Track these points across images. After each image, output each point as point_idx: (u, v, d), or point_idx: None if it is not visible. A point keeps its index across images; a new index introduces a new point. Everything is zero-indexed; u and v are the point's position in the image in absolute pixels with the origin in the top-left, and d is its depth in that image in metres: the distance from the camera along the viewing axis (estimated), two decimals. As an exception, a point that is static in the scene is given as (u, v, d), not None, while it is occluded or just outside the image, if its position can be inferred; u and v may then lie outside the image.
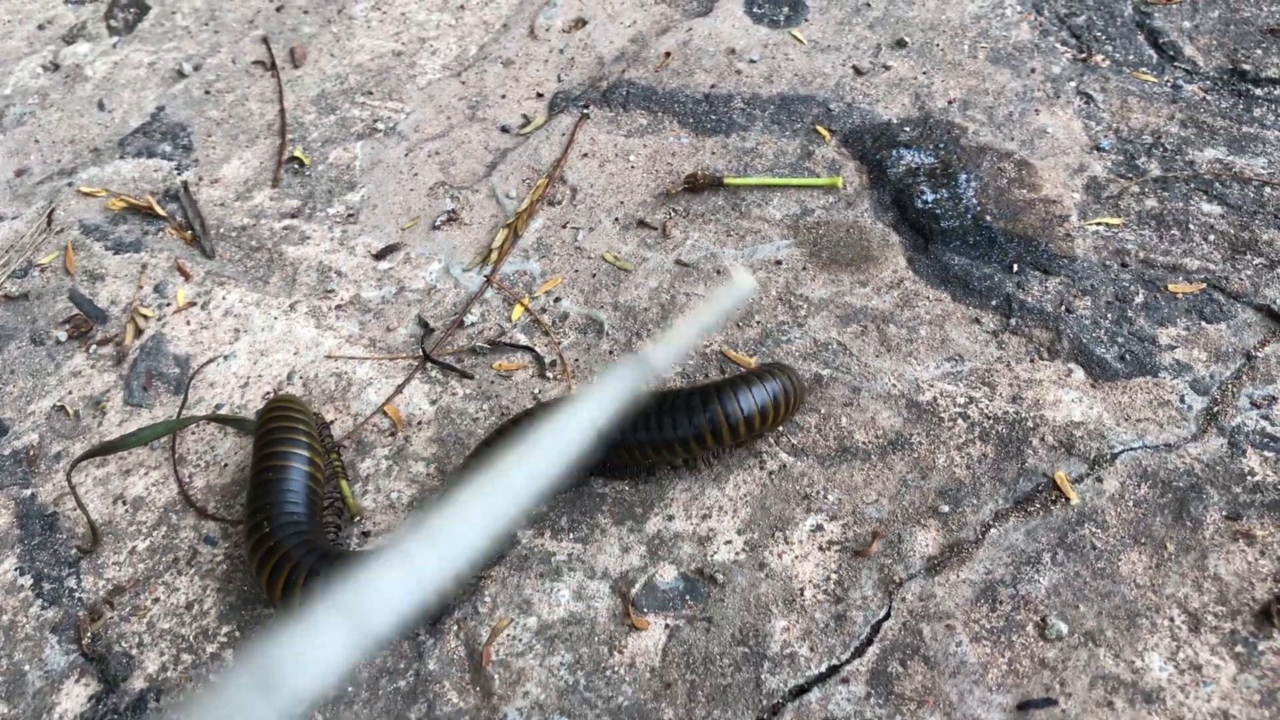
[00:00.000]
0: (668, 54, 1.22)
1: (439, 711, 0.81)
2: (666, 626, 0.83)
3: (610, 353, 0.99)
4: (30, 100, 1.28)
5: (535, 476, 0.42)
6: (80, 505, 0.91)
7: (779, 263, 1.03)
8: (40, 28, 1.36)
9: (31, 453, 0.99)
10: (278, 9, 1.34)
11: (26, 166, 1.22)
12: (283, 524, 0.84)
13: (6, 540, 0.94)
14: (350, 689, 0.82)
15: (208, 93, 1.27)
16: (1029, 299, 0.98)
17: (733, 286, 0.94)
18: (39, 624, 0.88)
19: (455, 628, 0.84)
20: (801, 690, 0.79)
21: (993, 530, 0.85)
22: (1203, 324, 0.95)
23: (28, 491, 0.96)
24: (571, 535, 0.89)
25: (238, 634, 0.86)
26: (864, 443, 0.91)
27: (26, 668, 0.86)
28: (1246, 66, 1.15)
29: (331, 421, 0.97)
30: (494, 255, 1.07)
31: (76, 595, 0.90)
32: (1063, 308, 0.97)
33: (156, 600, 0.89)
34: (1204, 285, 0.97)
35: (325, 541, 0.85)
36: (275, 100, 1.24)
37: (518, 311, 1.03)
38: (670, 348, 0.70)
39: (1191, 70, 1.16)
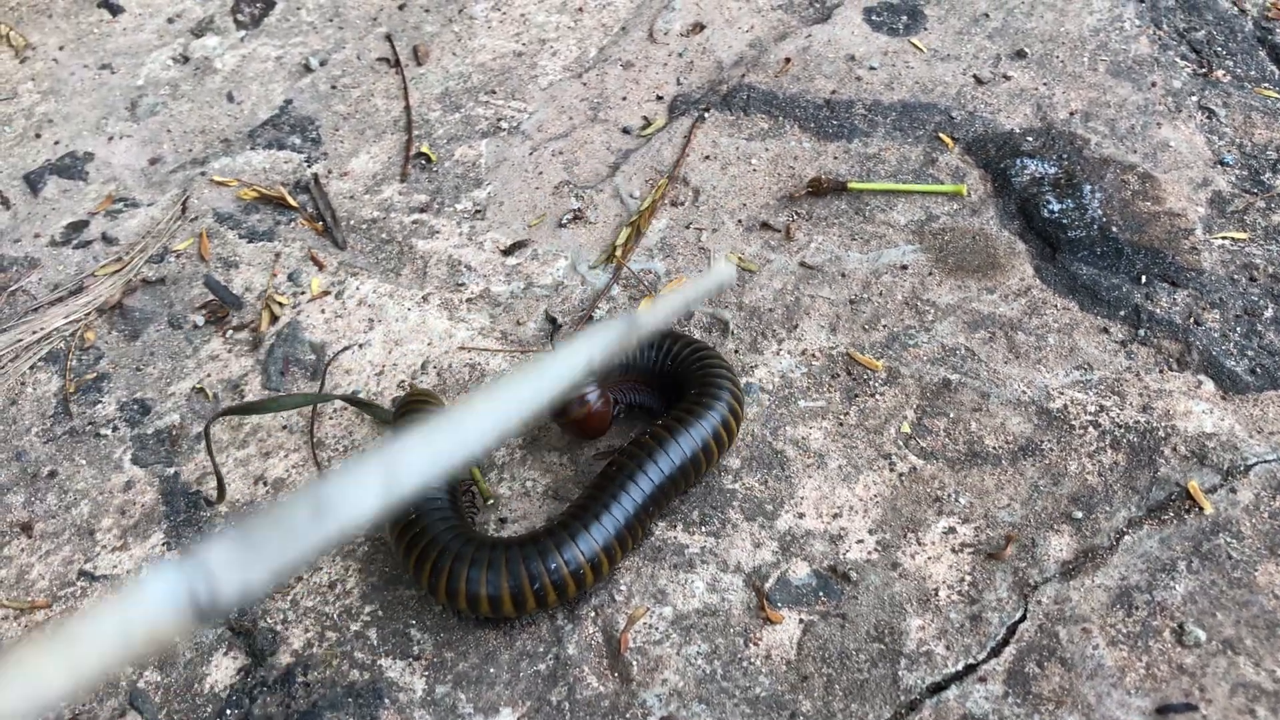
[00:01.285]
0: (788, 60, 1.23)
1: (579, 695, 0.83)
2: (801, 621, 0.85)
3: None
4: (162, 91, 1.32)
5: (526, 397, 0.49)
6: (212, 458, 0.93)
7: (904, 267, 1.04)
8: (170, 21, 1.40)
9: (174, 432, 1.02)
10: (400, 7, 1.37)
11: (160, 155, 1.26)
12: (429, 511, 0.87)
13: (153, 516, 0.97)
14: (491, 670, 0.84)
15: (334, 87, 1.30)
16: (1157, 310, 0.99)
17: (715, 272, 0.96)
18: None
19: (593, 614, 0.87)
20: (939, 687, 0.81)
21: (1126, 537, 0.86)
22: (1336, 339, 0.95)
23: (171, 470, 0.99)
24: (703, 529, 0.91)
25: (380, 613, 0.88)
26: (994, 448, 0.92)
27: (175, 639, 0.89)
28: (1373, 84, 1.15)
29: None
30: (619, 253, 1.09)
31: (223, 571, 0.92)
32: (1191, 320, 0.98)
33: (300, 579, 0.92)
34: (1336, 301, 0.97)
35: (469, 527, 0.87)
36: (400, 97, 1.27)
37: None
38: (654, 315, 0.74)
39: (1316, 87, 1.17)
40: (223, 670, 0.87)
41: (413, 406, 0.94)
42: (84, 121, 1.30)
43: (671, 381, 0.95)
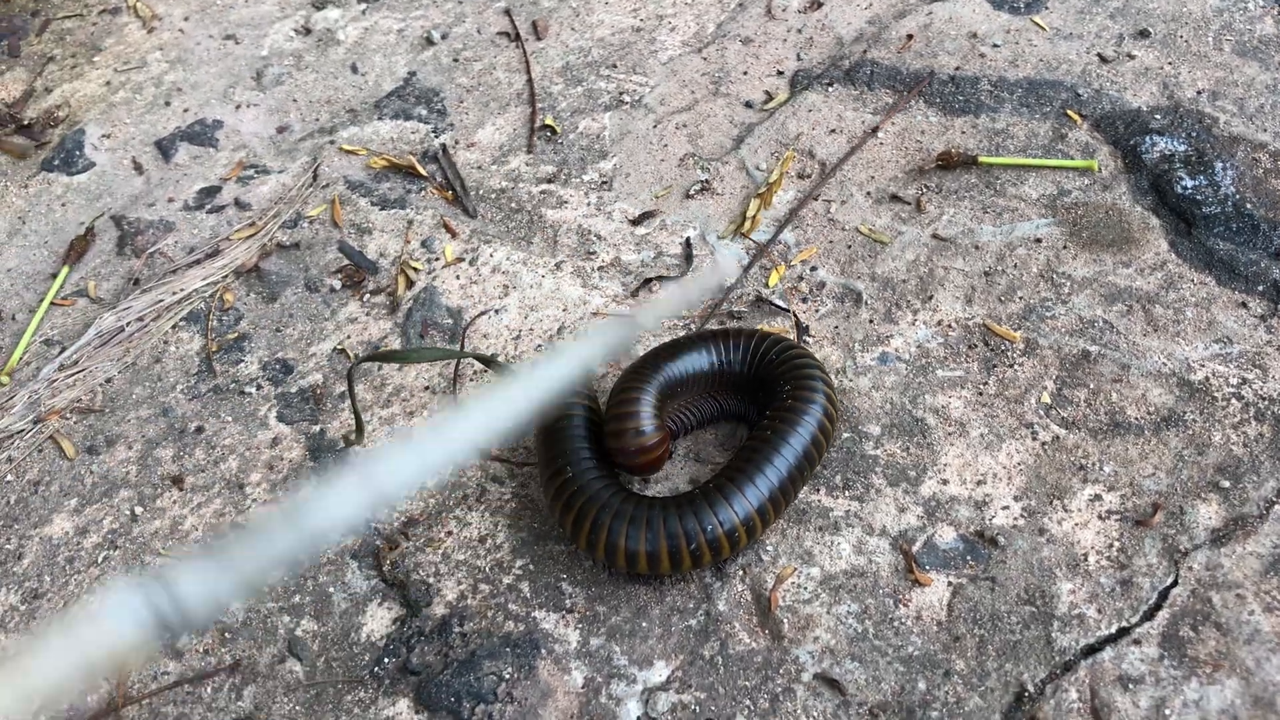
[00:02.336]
0: (910, 36, 1.24)
1: (731, 650, 0.85)
2: (950, 584, 0.86)
3: (870, 321, 1.02)
4: (286, 61, 1.34)
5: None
6: (353, 400, 0.95)
7: (1039, 240, 1.05)
8: (290, -6, 1.42)
9: (317, 391, 1.04)
10: (516, -18, 1.39)
11: (287, 124, 1.28)
12: (582, 469, 0.88)
13: (301, 471, 0.99)
14: (644, 624, 0.86)
15: (456, 60, 1.32)
16: (1298, 285, 0.99)
17: (717, 267, 0.97)
18: (339, 550, 0.94)
19: (740, 573, 0.88)
20: (1093, 649, 0.82)
21: (1277, 506, 0.86)
22: None
23: (317, 427, 1.02)
24: (847, 494, 0.92)
25: (531, 567, 0.90)
26: (1136, 418, 0.93)
27: (331, 589, 0.92)
28: None
29: (604, 375, 1.01)
30: (749, 222, 1.11)
31: (373, 525, 0.95)
32: (1333, 295, 0.98)
33: (449, 533, 0.94)
34: None
35: (624, 485, 0.89)
36: (522, 70, 1.29)
37: (774, 277, 1.07)
38: (655, 313, 0.75)
39: None
40: (378, 620, 0.90)
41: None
42: (211, 90, 1.33)
43: (759, 384, 0.94)
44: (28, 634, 0.92)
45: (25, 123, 1.30)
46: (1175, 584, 0.84)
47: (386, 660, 0.87)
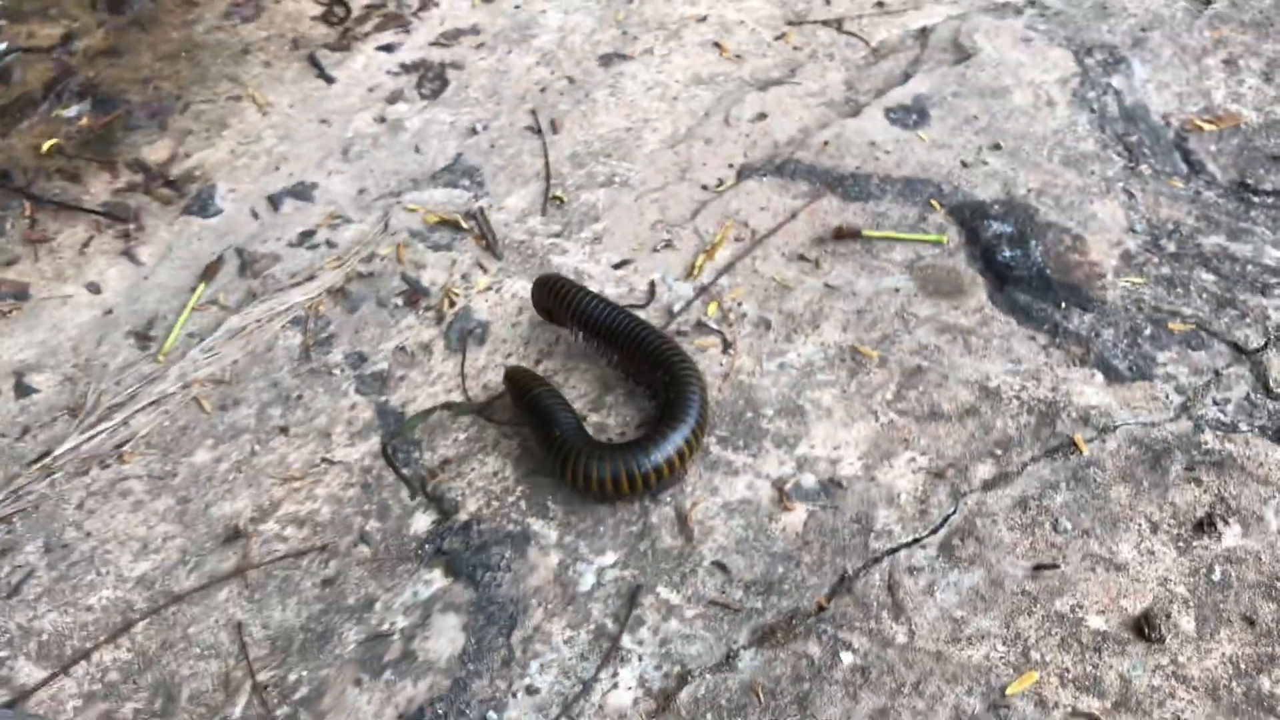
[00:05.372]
0: (825, 142, 1.70)
1: (658, 546, 1.27)
2: (807, 510, 1.29)
3: (775, 340, 1.46)
4: (366, 142, 1.81)
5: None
6: (398, 472, 1.39)
7: (898, 290, 1.49)
8: (370, 90, 1.90)
9: (384, 375, 1.49)
10: (541, 90, 1.86)
11: (365, 188, 1.75)
12: (567, 430, 1.32)
13: (371, 426, 1.43)
14: (601, 529, 1.29)
15: (493, 146, 1.79)
16: (1070, 326, 1.43)
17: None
18: (396, 479, 1.37)
19: (669, 499, 1.31)
20: (893, 551, 1.24)
21: (1029, 467, 1.29)
22: (1189, 351, 1.39)
23: (382, 397, 1.46)
24: (745, 451, 1.35)
25: (528, 491, 1.33)
26: (948, 410, 1.36)
27: (390, 503, 1.35)
28: (1250, 180, 1.59)
29: (586, 369, 1.45)
30: (696, 270, 1.55)
31: (419, 461, 1.38)
32: (1093, 333, 1.41)
33: (473, 469, 1.37)
34: (1194, 326, 1.41)
35: (591, 437, 1.33)
36: (541, 155, 1.75)
37: (712, 308, 1.51)
38: None
39: (1210, 181, 1.61)
40: (421, 522, 1.33)
41: (525, 376, 1.39)
42: (309, 160, 1.80)
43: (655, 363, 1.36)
44: (179, 525, 1.36)
45: (171, 178, 1.77)
46: (954, 513, 1.27)
47: (427, 546, 1.30)
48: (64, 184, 1.80)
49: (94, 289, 1.64)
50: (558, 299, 1.42)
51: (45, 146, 1.84)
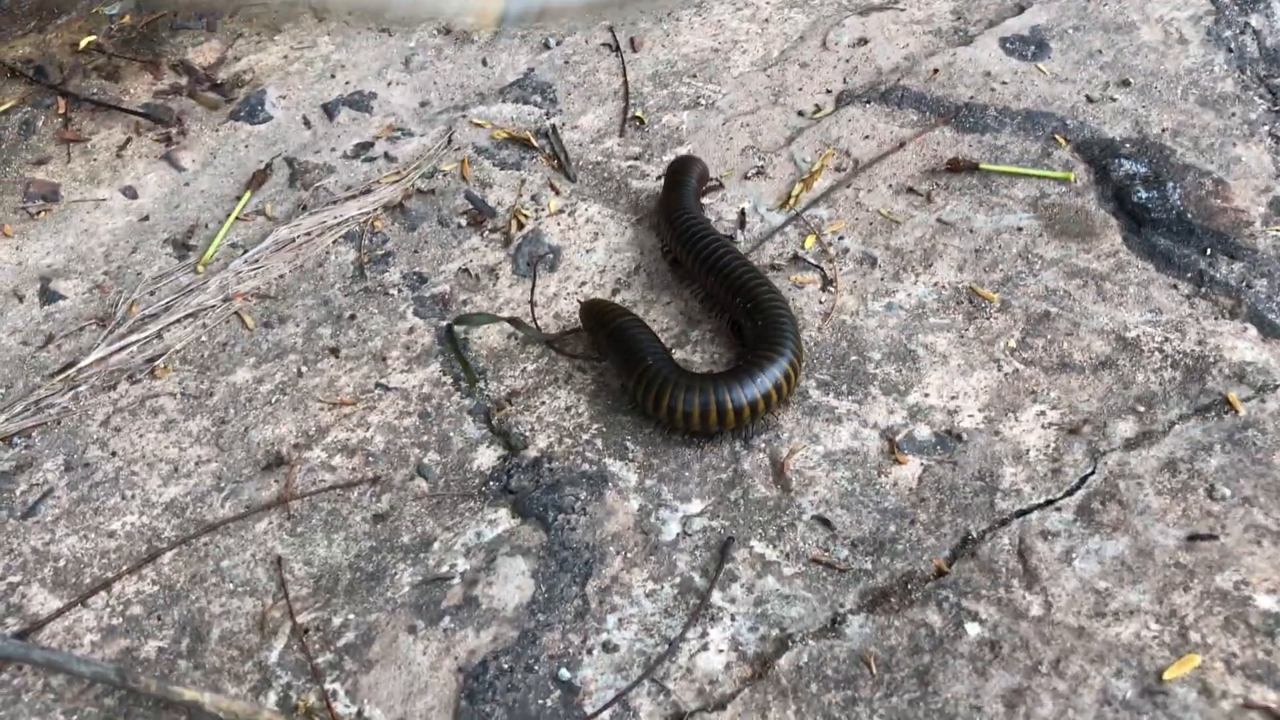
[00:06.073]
0: (935, 70, 1.54)
1: (751, 496, 1.12)
2: (922, 464, 1.14)
3: (881, 279, 1.31)
4: (429, 53, 1.66)
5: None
6: (458, 352, 1.25)
7: (1020, 229, 1.34)
8: (433, 1, 1.75)
9: (445, 297, 1.34)
10: (619, 6, 1.70)
11: (428, 100, 1.60)
12: (654, 358, 1.17)
13: (430, 352, 1.29)
14: (686, 474, 1.14)
15: (566, 63, 1.63)
16: (1217, 275, 1.27)
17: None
18: (458, 408, 1.23)
19: (762, 446, 1.16)
20: (1024, 512, 1.09)
21: (1177, 426, 1.14)
22: (1356, 307, 1.23)
23: (443, 322, 1.31)
24: (850, 398, 1.20)
25: (604, 429, 1.19)
26: (1080, 361, 1.21)
27: (452, 434, 1.21)
28: None
29: (669, 303, 1.31)
30: (793, 200, 1.40)
31: (485, 393, 1.24)
32: (1244, 284, 1.26)
33: (543, 403, 1.23)
34: (1360, 280, 1.25)
35: (678, 365, 1.18)
36: (619, 74, 1.60)
37: (809, 242, 1.36)
38: None
39: (1367, 128, 1.44)
40: (486, 457, 1.18)
41: (609, 307, 1.24)
42: (368, 70, 1.65)
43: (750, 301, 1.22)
44: (215, 448, 1.22)
45: (218, 82, 1.63)
46: (1093, 473, 1.11)
47: (492, 483, 1.16)
48: (102, 83, 1.66)
49: (130, 194, 1.50)
50: (667, 210, 1.32)
51: (83, 43, 1.70)
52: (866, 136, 1.48)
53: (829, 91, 1.56)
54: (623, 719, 0.98)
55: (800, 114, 1.53)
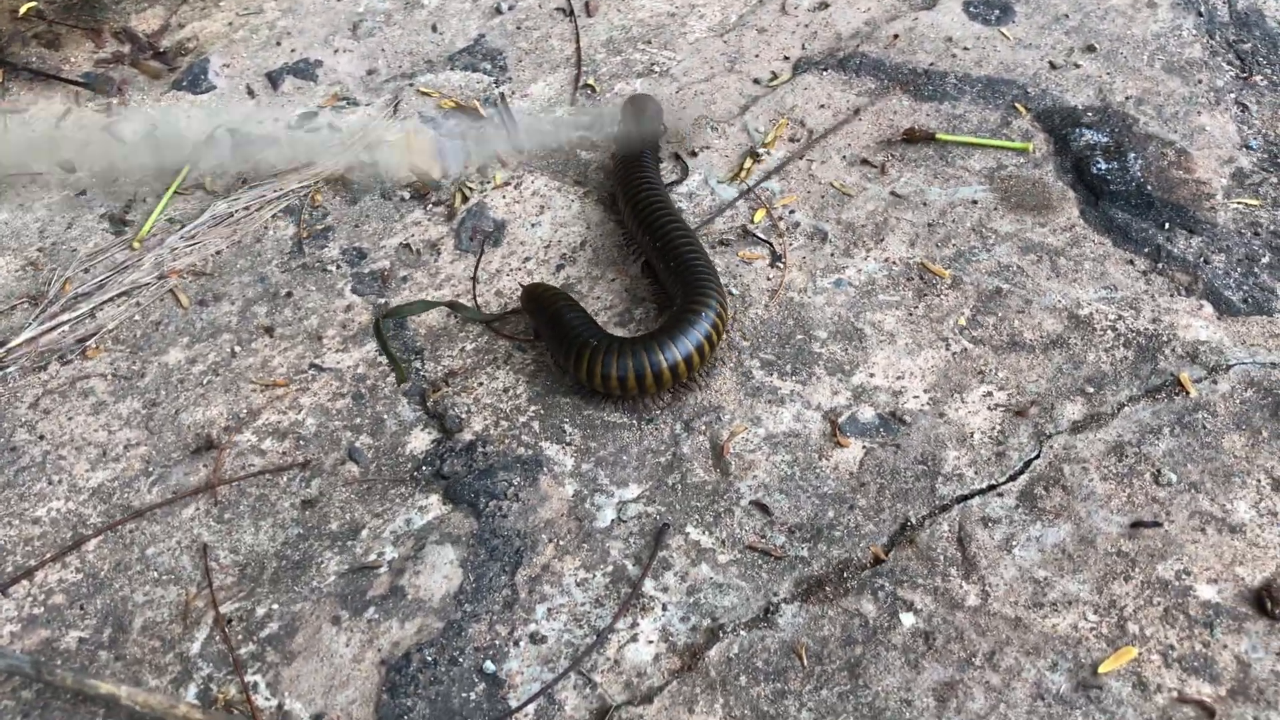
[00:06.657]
0: (895, 36, 1.49)
1: (689, 481, 1.10)
2: (864, 448, 1.11)
3: (831, 254, 1.27)
4: (378, 18, 1.62)
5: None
6: (385, 347, 1.21)
7: (975, 202, 1.30)
8: (385, -36, 1.70)
9: (384, 274, 1.30)
10: (575, -31, 1.66)
11: (375, 68, 1.56)
12: (588, 330, 1.14)
13: (368, 331, 1.25)
14: (624, 458, 1.11)
15: (518, 28, 1.59)
16: (1175, 250, 1.23)
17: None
18: (393, 389, 1.20)
19: (702, 428, 1.13)
20: (965, 498, 1.06)
21: (1125, 409, 1.11)
22: (1316, 283, 1.19)
23: (383, 299, 1.28)
24: (793, 378, 1.17)
25: (542, 412, 1.16)
26: (1030, 340, 1.17)
27: (385, 417, 1.18)
28: (1384, 96, 1.39)
29: (614, 279, 1.27)
30: (743, 173, 1.36)
31: (421, 373, 1.21)
32: (1202, 259, 1.22)
33: (480, 384, 1.20)
34: (1321, 256, 1.21)
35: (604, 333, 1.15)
36: (572, 40, 1.55)
37: (759, 215, 1.32)
38: None
39: (1337, 95, 1.40)
40: (419, 440, 1.16)
41: (546, 289, 1.21)
42: (314, 36, 1.60)
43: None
44: (144, 431, 1.19)
45: (160, 50, 1.58)
46: (1037, 457, 1.08)
47: (424, 468, 1.13)
48: (41, 50, 1.61)
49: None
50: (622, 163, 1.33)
51: (23, 9, 1.65)
52: (822, 105, 1.43)
53: (787, 58, 1.51)
54: (548, 713, 0.95)
55: (756, 82, 1.49)
